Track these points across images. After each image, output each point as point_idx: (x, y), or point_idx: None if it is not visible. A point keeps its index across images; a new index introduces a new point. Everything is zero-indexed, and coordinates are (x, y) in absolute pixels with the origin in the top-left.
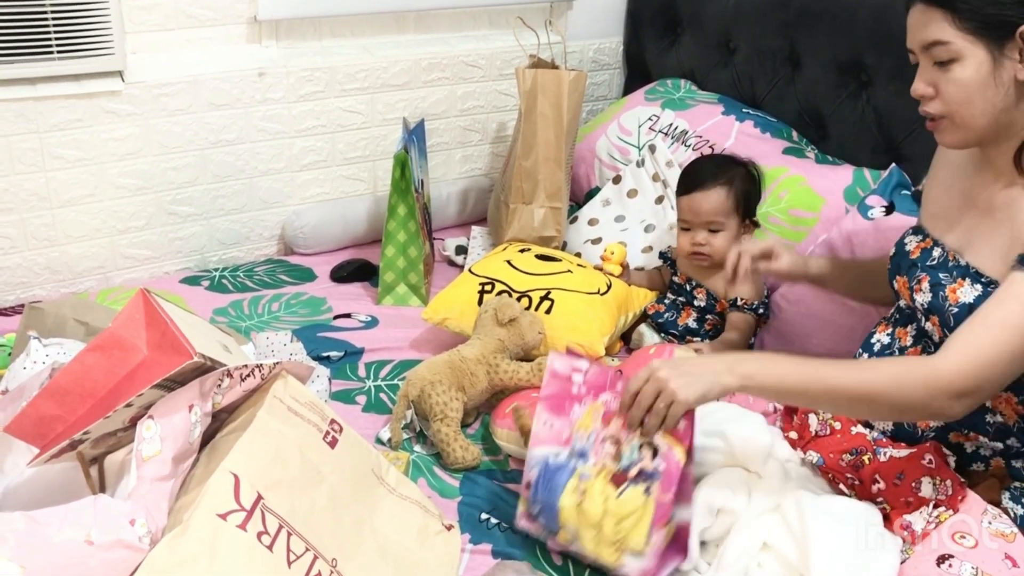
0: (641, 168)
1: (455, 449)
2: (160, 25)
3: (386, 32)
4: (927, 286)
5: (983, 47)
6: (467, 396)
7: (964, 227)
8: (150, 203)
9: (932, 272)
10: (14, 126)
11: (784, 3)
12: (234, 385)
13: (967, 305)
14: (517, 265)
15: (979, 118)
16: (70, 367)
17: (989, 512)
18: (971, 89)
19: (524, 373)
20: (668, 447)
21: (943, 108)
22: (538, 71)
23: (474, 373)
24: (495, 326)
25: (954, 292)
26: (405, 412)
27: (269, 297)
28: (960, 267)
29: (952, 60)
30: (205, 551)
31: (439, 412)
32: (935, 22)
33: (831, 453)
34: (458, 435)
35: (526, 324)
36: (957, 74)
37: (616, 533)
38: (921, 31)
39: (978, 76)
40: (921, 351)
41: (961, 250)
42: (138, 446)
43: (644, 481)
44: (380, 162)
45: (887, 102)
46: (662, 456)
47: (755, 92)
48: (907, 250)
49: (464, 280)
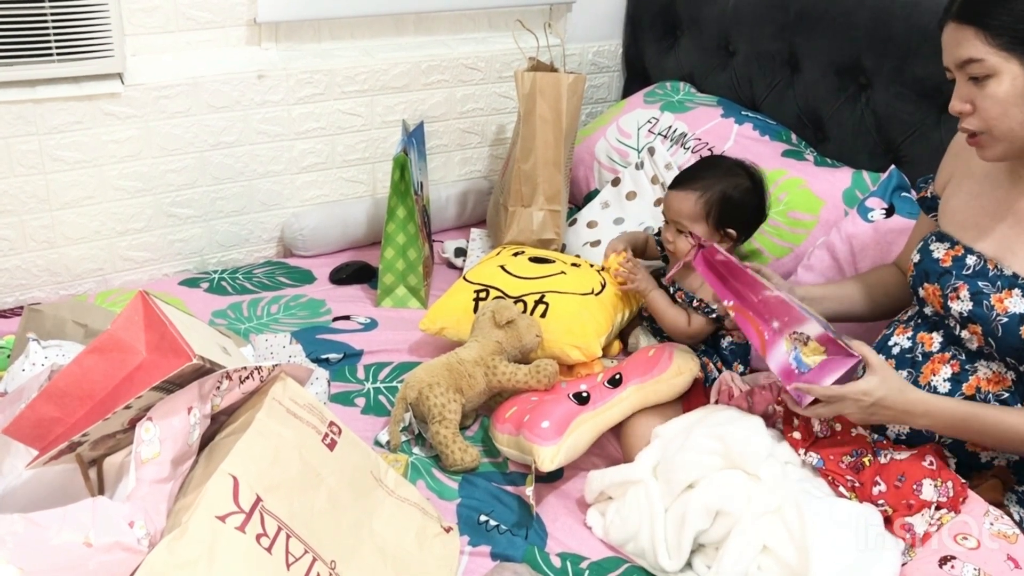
0: (640, 170)
1: (454, 451)
2: (160, 27)
3: (386, 34)
4: (966, 294)
5: (1017, 62)
6: (465, 398)
7: (1000, 235)
8: (149, 205)
9: (971, 281)
10: (14, 128)
11: (783, 6)
12: (233, 387)
13: (1018, 315)
14: (511, 270)
15: (1018, 131)
16: (69, 369)
17: (991, 513)
18: (1007, 104)
19: (522, 375)
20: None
21: (981, 124)
22: (537, 74)
23: (472, 375)
24: (493, 328)
25: (1001, 302)
26: (403, 415)
27: (268, 299)
28: (1005, 276)
29: (987, 76)
30: (204, 553)
31: (437, 414)
32: (968, 40)
33: (831, 455)
34: (456, 437)
35: (524, 326)
36: (992, 90)
37: None
38: (955, 49)
39: (1014, 91)
40: (950, 358)
41: (1001, 258)
42: (137, 448)
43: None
44: (379, 164)
45: (886, 104)
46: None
47: (754, 95)
48: (936, 257)
49: (459, 288)
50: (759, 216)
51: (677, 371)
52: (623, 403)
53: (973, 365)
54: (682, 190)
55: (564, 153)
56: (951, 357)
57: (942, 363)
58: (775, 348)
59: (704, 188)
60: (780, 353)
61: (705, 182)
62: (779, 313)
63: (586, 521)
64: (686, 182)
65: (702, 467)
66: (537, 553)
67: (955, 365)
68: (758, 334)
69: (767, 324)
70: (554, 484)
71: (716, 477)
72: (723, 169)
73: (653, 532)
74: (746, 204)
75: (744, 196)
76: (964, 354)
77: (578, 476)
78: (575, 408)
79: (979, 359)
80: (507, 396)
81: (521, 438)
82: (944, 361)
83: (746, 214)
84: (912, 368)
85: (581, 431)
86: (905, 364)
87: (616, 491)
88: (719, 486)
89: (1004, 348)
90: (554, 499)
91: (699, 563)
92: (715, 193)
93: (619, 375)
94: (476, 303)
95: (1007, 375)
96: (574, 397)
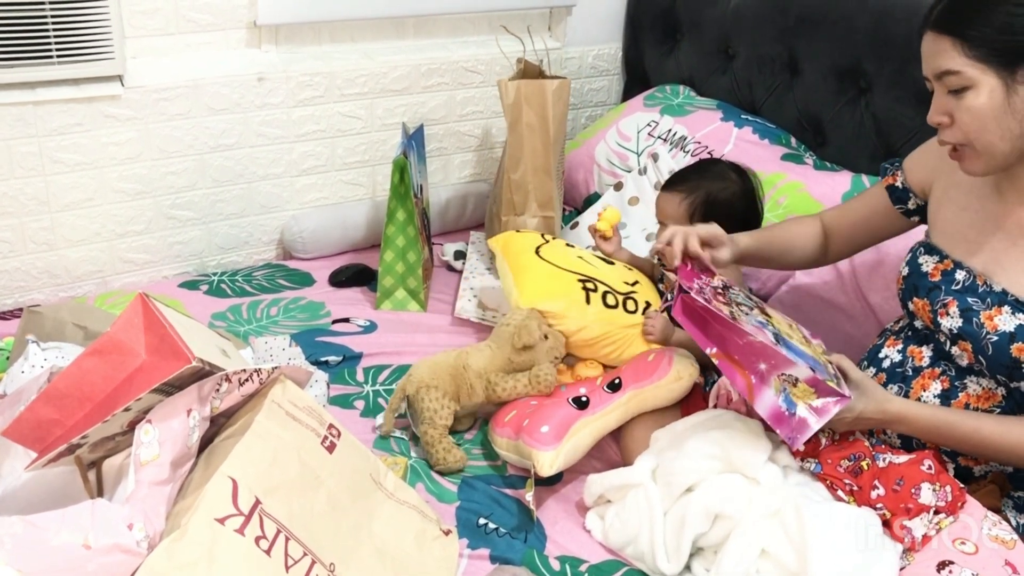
0: (643, 176)
1: (439, 451)
2: (160, 30)
3: (386, 37)
4: (956, 311)
5: (994, 74)
6: (460, 405)
7: (990, 250)
8: (149, 207)
9: (960, 297)
10: (13, 130)
11: (783, 9)
12: (232, 389)
13: (1008, 334)
14: (587, 259)
15: (998, 144)
16: (68, 371)
17: (989, 518)
18: (985, 117)
19: (522, 387)
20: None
21: (960, 136)
22: (521, 82)
23: (473, 387)
24: (509, 345)
25: (991, 319)
26: (400, 404)
27: (268, 302)
28: (994, 293)
29: (964, 88)
30: (203, 555)
31: (428, 417)
32: (945, 51)
33: (829, 459)
34: (443, 438)
35: (542, 352)
36: (970, 102)
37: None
38: (933, 59)
39: (991, 103)
40: (940, 374)
41: (991, 274)
42: (136, 450)
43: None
44: (379, 167)
45: (886, 108)
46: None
47: (754, 98)
48: (924, 271)
49: (552, 275)
50: (750, 219)
51: (676, 376)
52: (622, 408)
53: (963, 381)
54: (669, 192)
55: (554, 158)
56: (941, 373)
57: (932, 379)
58: (763, 393)
59: (689, 190)
60: (768, 397)
61: (691, 184)
62: (765, 356)
63: (585, 524)
64: (674, 184)
65: (701, 471)
66: (536, 556)
67: (945, 381)
68: (744, 379)
69: (753, 367)
70: (553, 487)
71: (715, 480)
72: (713, 172)
73: (652, 535)
74: (733, 206)
75: (731, 198)
76: (954, 370)
77: (577, 479)
78: (574, 412)
79: (969, 375)
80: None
81: (520, 442)
82: (934, 377)
83: (733, 216)
84: (903, 383)
85: (580, 436)
86: (896, 379)
87: (615, 494)
88: (718, 489)
89: (995, 366)
90: (553, 502)
91: (698, 566)
92: (700, 195)
93: (618, 379)
94: (587, 294)
95: (997, 391)
96: (573, 401)
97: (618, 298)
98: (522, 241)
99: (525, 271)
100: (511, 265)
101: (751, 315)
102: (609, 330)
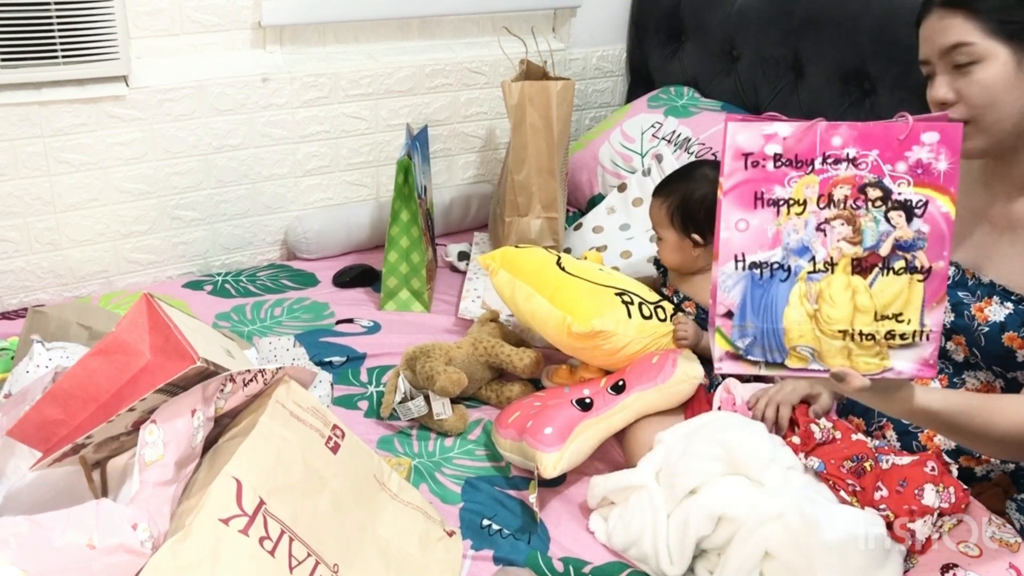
0: (647, 177)
1: (440, 374)
2: (165, 30)
3: (390, 38)
4: (947, 306)
5: (1005, 47)
6: (454, 362)
7: (976, 243)
8: (154, 208)
9: (950, 291)
10: (19, 130)
11: (788, 11)
12: (237, 390)
13: (998, 324)
14: (605, 270)
15: (1005, 121)
16: (73, 371)
17: (993, 521)
18: (996, 90)
19: (508, 348)
20: (926, 199)
21: (967, 112)
22: (525, 83)
23: (460, 346)
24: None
25: (981, 311)
26: (398, 382)
27: (272, 302)
28: (983, 285)
29: (973, 62)
30: (207, 556)
31: (428, 366)
32: (956, 25)
33: (832, 459)
34: (446, 367)
35: (515, 359)
36: (979, 76)
37: (878, 332)
38: (940, 36)
39: (1003, 76)
40: (938, 372)
41: (979, 267)
42: (141, 450)
43: (903, 254)
44: (383, 168)
45: (890, 110)
46: (923, 215)
47: (758, 100)
48: None
49: (590, 292)
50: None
51: (681, 378)
52: (626, 410)
53: (961, 377)
54: (654, 199)
55: (558, 159)
56: (939, 370)
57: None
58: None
59: (667, 194)
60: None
61: (671, 187)
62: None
63: (589, 526)
64: (658, 191)
65: (705, 473)
66: (540, 557)
67: (943, 379)
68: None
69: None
70: (557, 489)
71: (719, 483)
72: (693, 174)
73: (656, 537)
74: (708, 203)
75: (704, 197)
76: (951, 367)
77: (581, 481)
78: (578, 414)
79: (966, 370)
80: (510, 400)
81: (524, 444)
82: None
83: (712, 214)
84: None
85: (584, 437)
86: None
87: (619, 496)
88: (722, 491)
89: (989, 357)
90: (557, 504)
91: (701, 569)
92: (675, 199)
93: (622, 381)
94: (627, 308)
95: (995, 383)
96: (577, 403)
97: (650, 308)
98: (532, 257)
99: (561, 290)
100: (535, 286)
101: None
102: (649, 343)
